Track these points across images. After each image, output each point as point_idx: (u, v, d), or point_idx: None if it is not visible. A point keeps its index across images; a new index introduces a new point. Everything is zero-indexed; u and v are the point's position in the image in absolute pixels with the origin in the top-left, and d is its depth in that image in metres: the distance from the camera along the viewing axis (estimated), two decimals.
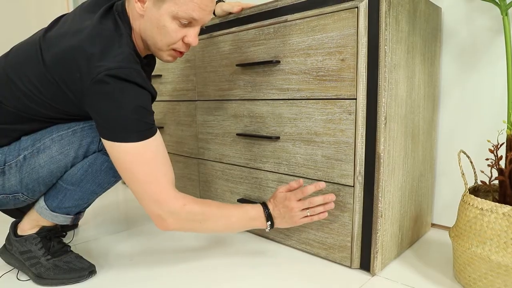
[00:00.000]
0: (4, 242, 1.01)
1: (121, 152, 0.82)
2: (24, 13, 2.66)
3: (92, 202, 0.98)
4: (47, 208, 0.93)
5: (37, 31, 0.94)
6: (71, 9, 2.85)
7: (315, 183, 0.95)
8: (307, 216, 0.95)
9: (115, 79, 0.78)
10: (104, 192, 0.97)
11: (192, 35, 0.88)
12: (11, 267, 1.00)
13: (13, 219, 1.04)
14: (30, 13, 2.69)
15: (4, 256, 1.00)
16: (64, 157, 0.89)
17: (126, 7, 0.89)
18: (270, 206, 0.97)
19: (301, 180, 0.98)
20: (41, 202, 0.94)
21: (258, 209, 0.96)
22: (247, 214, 0.94)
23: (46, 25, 0.91)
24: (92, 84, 0.77)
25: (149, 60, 1.02)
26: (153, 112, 0.87)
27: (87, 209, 1.54)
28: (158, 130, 0.87)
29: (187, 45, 0.91)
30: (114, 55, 0.79)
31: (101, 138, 0.83)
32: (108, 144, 0.82)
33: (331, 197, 0.95)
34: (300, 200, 0.95)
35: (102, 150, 0.91)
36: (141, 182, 0.83)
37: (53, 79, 0.82)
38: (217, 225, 0.92)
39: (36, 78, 0.83)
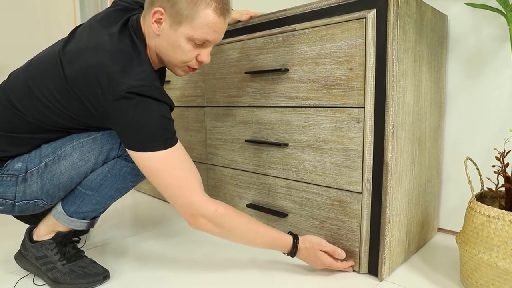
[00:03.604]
0: (20, 248, 1.03)
1: (150, 161, 0.85)
2: (30, 19, 2.70)
3: (107, 208, 1.01)
4: (64, 213, 0.96)
5: (55, 41, 0.97)
6: (77, 16, 2.88)
7: (341, 252, 1.00)
8: (324, 269, 1.03)
9: (138, 95, 0.81)
10: (120, 197, 1.00)
11: (205, 54, 0.93)
12: (27, 272, 1.02)
13: (27, 225, 1.06)
14: (37, 18, 2.73)
15: (19, 261, 1.03)
16: (85, 163, 0.92)
17: (142, 24, 0.92)
18: (302, 246, 0.99)
19: (343, 254, 1.01)
20: (59, 207, 0.97)
21: (287, 242, 0.99)
22: (275, 240, 0.98)
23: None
24: (115, 100, 0.81)
25: (161, 72, 1.07)
26: (173, 121, 0.90)
27: None
28: (179, 141, 0.91)
29: (200, 63, 0.96)
30: (136, 73, 0.83)
31: (129, 151, 0.86)
32: (136, 155, 0.85)
33: (350, 265, 1.02)
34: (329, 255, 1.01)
35: (121, 156, 0.95)
36: (173, 188, 0.87)
37: (74, 94, 0.85)
38: (243, 238, 0.96)
39: (57, 91, 0.86)
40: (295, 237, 1.00)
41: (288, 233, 1.00)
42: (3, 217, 1.53)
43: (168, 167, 0.86)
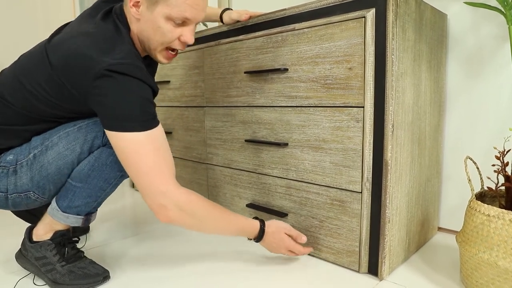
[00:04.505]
0: (20, 247, 1.03)
1: (125, 142, 0.83)
2: (31, 19, 2.70)
3: (101, 202, 1.00)
4: (58, 209, 0.96)
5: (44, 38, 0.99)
6: (77, 13, 2.89)
7: (304, 237, 1.05)
8: (286, 253, 1.05)
9: (117, 73, 0.81)
10: (111, 189, 0.98)
11: (187, 33, 0.91)
12: (27, 272, 1.02)
13: (28, 223, 1.06)
14: (37, 18, 2.73)
15: (20, 261, 1.03)
16: (71, 152, 0.92)
17: (125, 10, 0.93)
18: (268, 230, 1.02)
19: (305, 239, 1.06)
20: (53, 204, 0.97)
21: (255, 227, 1.01)
22: (245, 227, 0.99)
23: (52, 31, 0.95)
24: (95, 79, 0.81)
25: (149, 62, 1.05)
26: (155, 105, 0.89)
27: (97, 215, 1.56)
28: (160, 124, 0.89)
29: (183, 44, 0.94)
30: (116, 53, 0.83)
31: (106, 131, 0.85)
32: (112, 135, 0.84)
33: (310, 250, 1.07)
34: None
35: (107, 145, 0.94)
36: (145, 173, 0.84)
37: (58, 79, 0.86)
38: (215, 228, 0.95)
39: (43, 80, 0.87)
40: (262, 222, 1.02)
41: (253, 218, 1.02)
42: (4, 217, 1.53)
43: (142, 150, 0.83)
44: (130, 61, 0.83)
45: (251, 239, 1.02)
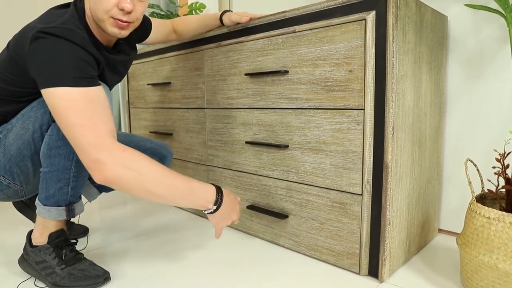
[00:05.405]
0: (22, 252, 1.04)
1: (56, 98, 0.80)
2: (31, 19, 2.71)
3: (77, 188, 0.97)
4: (39, 203, 0.97)
5: None
6: None
7: None
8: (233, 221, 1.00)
9: (49, 34, 0.82)
10: (76, 167, 0.95)
11: (124, 0, 0.88)
12: (28, 275, 1.03)
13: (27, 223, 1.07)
14: (39, 13, 2.74)
15: (22, 265, 1.03)
16: (26, 131, 0.93)
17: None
18: (225, 193, 0.95)
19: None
20: (36, 200, 0.98)
21: (210, 189, 0.92)
22: (196, 189, 0.90)
23: None
24: (31, 43, 0.83)
25: (116, 50, 1.05)
26: (97, 70, 0.89)
27: (95, 216, 1.57)
28: (101, 87, 0.86)
29: (125, 12, 0.90)
30: (56, 22, 0.85)
31: (41, 91, 0.83)
32: (45, 93, 0.82)
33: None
34: None
35: None
36: (76, 127, 0.80)
37: (12, 55, 0.90)
38: (161, 186, 0.84)
39: (4, 62, 0.93)
40: (216, 186, 0.94)
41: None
42: (6, 218, 1.53)
43: (74, 105, 0.80)
44: (66, 26, 0.84)
45: (207, 211, 0.92)
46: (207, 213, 0.94)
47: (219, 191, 0.94)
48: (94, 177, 0.80)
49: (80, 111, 0.80)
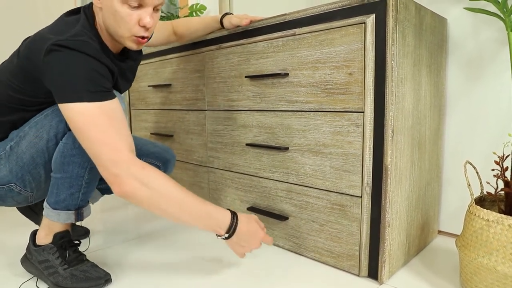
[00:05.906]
0: (25, 252, 1.04)
1: (74, 113, 0.82)
2: (31, 18, 2.71)
3: (87, 193, 0.99)
4: (48, 206, 0.97)
5: None
6: None
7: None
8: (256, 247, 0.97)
9: (63, 47, 0.82)
10: (89, 175, 0.96)
11: (145, 16, 0.89)
12: (31, 275, 1.03)
13: (31, 224, 1.07)
14: (39, 18, 2.74)
15: (25, 264, 1.04)
16: (40, 140, 0.94)
17: (93, 5, 0.96)
18: (242, 218, 0.93)
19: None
20: (45, 203, 0.99)
21: (225, 215, 0.91)
22: (212, 213, 0.90)
23: None
24: (45, 56, 0.83)
25: (125, 57, 1.05)
26: (111, 81, 0.90)
27: (97, 218, 1.57)
28: (117, 99, 0.88)
29: (145, 28, 0.92)
30: (69, 33, 0.86)
31: (59, 106, 0.85)
32: (63, 108, 0.84)
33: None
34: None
35: None
36: (96, 143, 0.82)
37: (23, 64, 0.90)
38: (177, 205, 0.86)
39: (15, 70, 0.93)
40: (232, 212, 0.93)
41: None
42: (8, 220, 1.54)
43: (91, 120, 0.81)
44: (80, 38, 0.85)
45: (220, 236, 0.92)
46: (221, 239, 0.93)
47: (234, 218, 0.92)
48: (114, 191, 0.84)
49: (98, 127, 0.82)
